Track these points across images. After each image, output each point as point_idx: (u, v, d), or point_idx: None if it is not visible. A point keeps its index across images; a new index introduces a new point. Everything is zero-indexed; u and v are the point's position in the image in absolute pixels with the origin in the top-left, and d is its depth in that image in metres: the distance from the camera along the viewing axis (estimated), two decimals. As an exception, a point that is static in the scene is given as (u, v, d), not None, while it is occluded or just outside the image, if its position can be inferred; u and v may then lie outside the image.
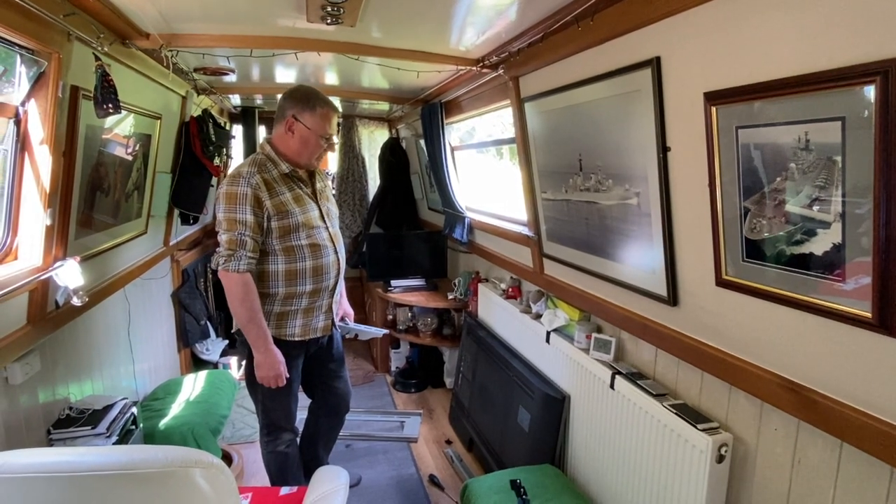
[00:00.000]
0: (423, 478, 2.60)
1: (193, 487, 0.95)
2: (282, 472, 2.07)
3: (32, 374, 1.66)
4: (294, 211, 1.81)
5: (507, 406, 2.45)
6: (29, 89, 1.44)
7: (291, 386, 1.96)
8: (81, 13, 1.47)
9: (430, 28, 1.83)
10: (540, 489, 1.89)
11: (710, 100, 1.20)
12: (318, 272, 1.88)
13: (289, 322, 1.89)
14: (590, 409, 2.01)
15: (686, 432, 1.49)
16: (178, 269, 3.22)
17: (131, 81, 2.01)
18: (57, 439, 1.73)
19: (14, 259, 1.58)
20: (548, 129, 2.01)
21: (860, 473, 1.12)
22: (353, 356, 4.11)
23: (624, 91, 1.49)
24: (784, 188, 1.09)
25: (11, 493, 0.92)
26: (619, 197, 1.66)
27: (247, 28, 1.86)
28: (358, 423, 3.11)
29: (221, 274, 1.74)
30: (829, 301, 1.06)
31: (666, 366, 1.73)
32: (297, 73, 2.68)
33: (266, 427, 2.03)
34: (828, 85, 0.95)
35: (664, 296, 1.57)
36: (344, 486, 1.42)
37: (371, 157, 4.51)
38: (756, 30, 1.08)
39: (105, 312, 2.26)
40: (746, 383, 1.35)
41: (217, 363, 3.48)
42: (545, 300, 2.44)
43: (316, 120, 1.81)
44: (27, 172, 1.52)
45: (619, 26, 1.41)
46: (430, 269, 3.86)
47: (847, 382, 1.09)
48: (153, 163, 2.47)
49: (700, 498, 1.44)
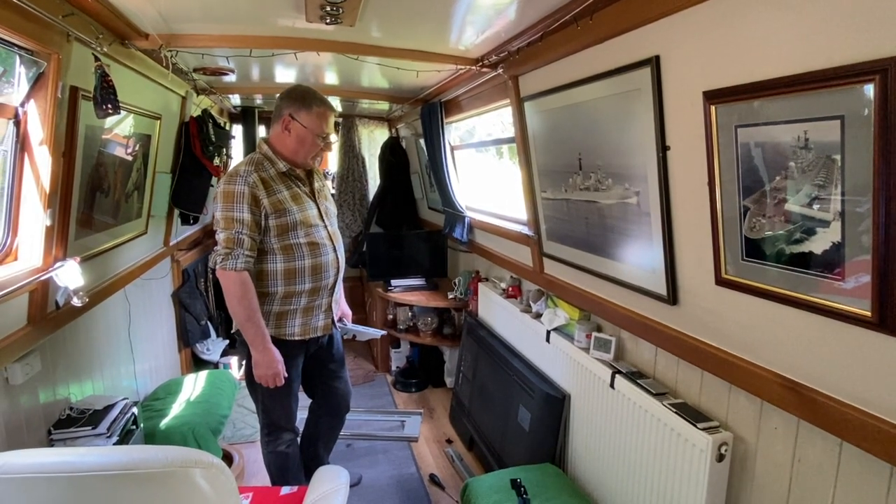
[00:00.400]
0: (423, 477, 2.60)
1: (194, 487, 0.96)
2: (282, 471, 2.07)
3: (33, 375, 1.66)
4: (292, 209, 1.81)
5: (507, 405, 2.45)
6: (28, 90, 1.44)
7: (291, 386, 1.96)
8: (81, 14, 1.47)
9: (430, 27, 1.82)
10: (540, 488, 1.89)
11: (709, 98, 1.20)
12: (318, 270, 1.88)
13: (288, 321, 1.89)
14: (590, 409, 2.01)
15: (686, 431, 1.49)
16: (178, 269, 3.22)
17: (131, 82, 2.00)
18: (58, 439, 1.74)
19: (14, 260, 1.58)
20: (547, 128, 2.01)
21: (860, 472, 1.12)
22: (353, 356, 4.11)
23: (623, 90, 1.49)
24: (784, 187, 1.09)
25: (12, 493, 0.92)
26: (619, 196, 1.66)
27: (246, 28, 1.86)
28: (358, 422, 3.11)
29: (219, 273, 1.74)
30: (829, 300, 1.06)
31: (666, 365, 1.73)
32: (296, 72, 2.68)
33: (266, 427, 2.03)
34: (827, 84, 0.94)
35: (664, 295, 1.57)
36: (344, 486, 1.43)
37: (371, 156, 4.51)
38: (755, 28, 1.08)
39: (105, 313, 2.26)
40: (746, 382, 1.35)
41: (217, 363, 3.48)
42: (545, 299, 2.44)
43: (312, 119, 1.81)
44: (27, 173, 1.52)
45: (619, 25, 1.41)
46: (431, 268, 3.86)
47: (847, 381, 1.09)
48: (153, 163, 2.47)
49: (700, 497, 1.44)
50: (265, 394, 1.92)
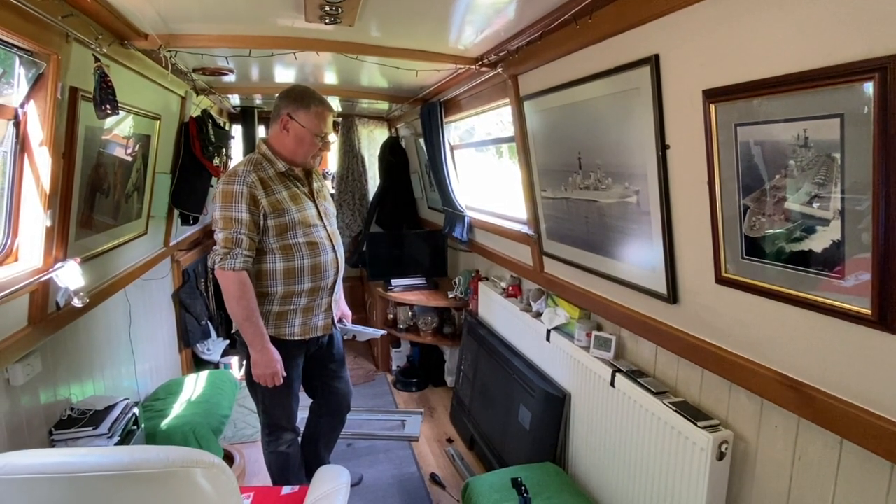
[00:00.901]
0: (424, 476, 2.60)
1: (195, 487, 0.96)
2: (283, 471, 2.08)
3: (34, 376, 1.66)
4: (290, 209, 1.81)
5: (507, 404, 2.45)
6: (28, 91, 1.44)
7: (292, 386, 1.97)
8: (80, 14, 1.47)
9: (429, 27, 1.82)
10: (541, 487, 1.89)
11: (709, 97, 1.20)
12: (317, 270, 1.88)
13: (288, 321, 1.89)
14: (590, 407, 2.01)
15: (686, 430, 1.49)
16: (178, 269, 3.22)
17: (130, 82, 2.00)
18: (59, 440, 1.74)
19: (14, 260, 1.58)
20: (547, 127, 2.01)
21: (860, 470, 1.12)
22: (354, 355, 4.11)
23: (623, 89, 1.49)
24: (783, 185, 1.09)
25: (14, 493, 0.92)
26: (619, 195, 1.66)
27: (245, 28, 1.86)
28: (359, 422, 3.11)
29: (218, 272, 1.75)
30: (829, 298, 1.06)
31: (666, 363, 1.73)
32: (296, 72, 2.68)
33: (267, 427, 2.04)
34: (826, 82, 0.95)
35: (664, 294, 1.57)
36: (345, 486, 1.43)
37: (371, 156, 4.50)
38: (755, 27, 1.08)
39: (106, 313, 2.26)
40: (747, 381, 1.35)
41: (218, 363, 3.48)
42: (545, 298, 2.44)
43: (311, 118, 1.82)
44: (27, 174, 1.52)
45: (618, 24, 1.41)
46: (431, 268, 3.86)
47: (847, 379, 1.09)
48: (153, 163, 2.47)
49: (701, 495, 1.44)
50: (266, 394, 1.92)
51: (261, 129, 4.20)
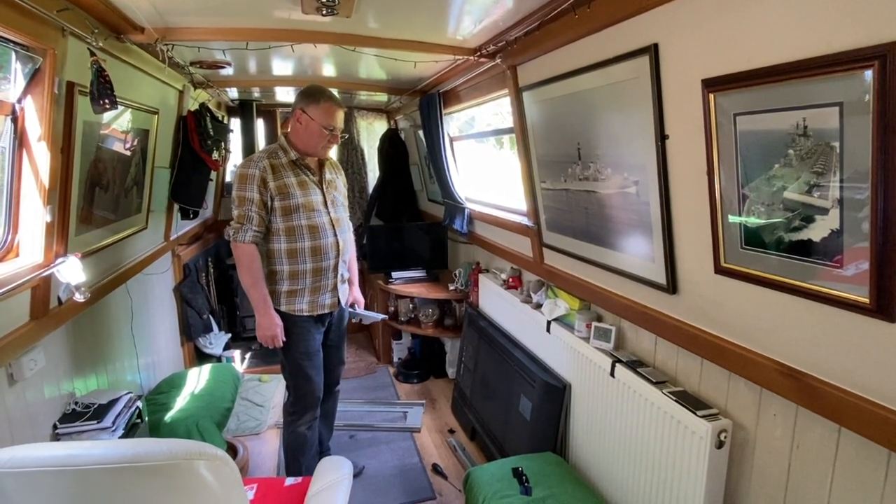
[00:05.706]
0: (426, 467, 2.62)
1: (199, 479, 0.97)
2: (298, 453, 2.22)
3: (37, 370, 1.68)
4: (295, 193, 2.01)
5: (508, 395, 2.47)
6: (25, 86, 1.43)
7: (313, 359, 2.16)
8: (75, 8, 1.46)
9: (427, 17, 1.81)
10: (542, 476, 1.91)
11: (708, 87, 1.19)
12: (317, 252, 2.06)
13: (297, 299, 2.09)
14: (591, 398, 2.03)
15: (686, 419, 1.50)
16: (179, 263, 3.23)
17: (127, 76, 2.00)
18: (63, 434, 1.75)
19: (15, 256, 1.58)
20: (546, 117, 2.00)
21: (858, 457, 1.13)
22: (355, 348, 4.13)
23: (622, 79, 1.48)
24: (782, 175, 1.08)
25: (19, 486, 0.93)
26: (618, 185, 1.65)
27: (242, 20, 1.85)
28: (361, 413, 3.13)
29: (232, 244, 2.00)
30: (828, 287, 1.06)
31: (666, 353, 1.74)
32: (293, 65, 2.66)
33: (292, 406, 2.21)
34: (826, 70, 0.94)
35: (663, 284, 1.57)
36: (347, 476, 1.44)
37: (370, 148, 4.48)
38: (754, 15, 1.07)
39: (108, 308, 2.27)
40: (745, 370, 1.36)
41: (220, 357, 3.50)
42: (545, 290, 2.44)
43: (320, 112, 2.00)
44: (26, 169, 1.52)
45: (617, 13, 1.40)
46: (431, 260, 3.87)
47: (845, 368, 1.10)
48: (152, 158, 2.47)
49: (700, 483, 1.46)
50: (292, 368, 2.13)
51: (260, 122, 4.18)
